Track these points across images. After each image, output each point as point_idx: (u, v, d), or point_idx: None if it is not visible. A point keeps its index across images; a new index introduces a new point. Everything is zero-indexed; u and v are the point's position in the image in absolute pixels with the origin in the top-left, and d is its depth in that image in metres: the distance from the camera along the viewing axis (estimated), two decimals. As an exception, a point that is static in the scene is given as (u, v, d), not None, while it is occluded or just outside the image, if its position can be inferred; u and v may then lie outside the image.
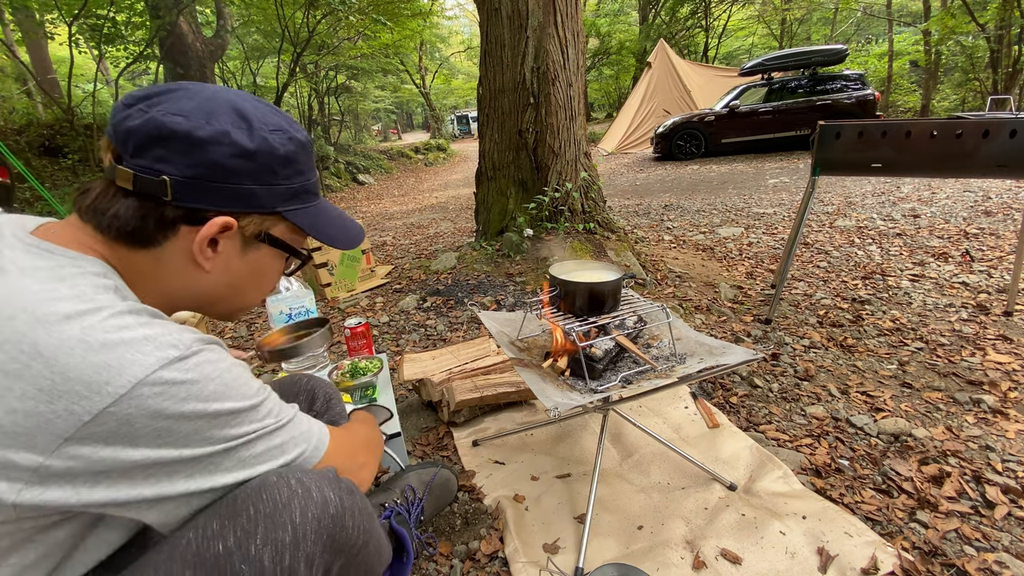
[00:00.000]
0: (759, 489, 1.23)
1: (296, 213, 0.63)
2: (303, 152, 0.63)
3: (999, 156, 1.74)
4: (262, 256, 0.64)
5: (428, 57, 21.82)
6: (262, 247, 0.63)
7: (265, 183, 0.59)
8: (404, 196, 9.97)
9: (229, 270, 0.61)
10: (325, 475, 0.62)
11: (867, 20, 18.60)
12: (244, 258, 0.62)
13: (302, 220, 0.64)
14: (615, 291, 1.22)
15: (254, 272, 0.64)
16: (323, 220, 0.67)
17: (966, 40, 10.87)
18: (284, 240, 0.64)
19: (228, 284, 0.63)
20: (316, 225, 0.66)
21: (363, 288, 3.06)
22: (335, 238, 0.68)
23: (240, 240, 0.60)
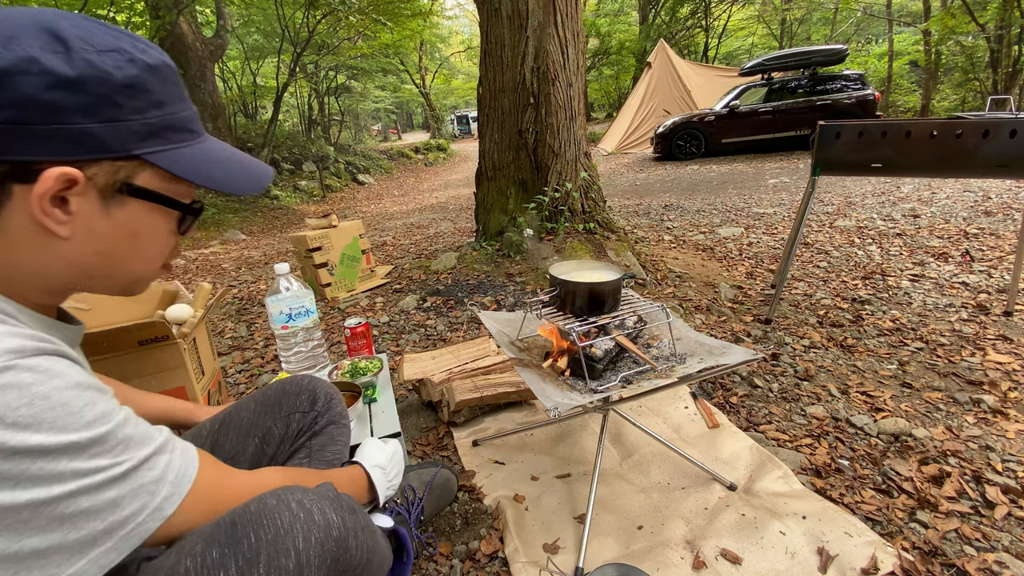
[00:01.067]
0: (759, 489, 1.23)
1: (162, 155, 0.51)
2: (157, 78, 0.51)
3: (999, 156, 1.74)
4: (132, 213, 0.52)
5: (428, 57, 21.82)
6: (128, 201, 0.51)
7: (106, 119, 0.47)
8: (404, 196, 9.97)
9: (94, 234, 0.50)
10: (325, 495, 0.60)
11: (867, 20, 18.60)
12: (109, 218, 0.50)
13: (172, 163, 0.52)
14: (615, 291, 1.22)
15: (129, 234, 0.52)
16: (204, 161, 0.55)
17: (966, 40, 10.86)
18: (156, 190, 0.52)
19: (98, 252, 0.51)
20: (194, 168, 0.54)
21: (363, 288, 3.06)
22: (225, 181, 0.56)
23: (96, 195, 0.49)
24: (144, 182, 0.52)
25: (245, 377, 2.05)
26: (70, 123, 0.45)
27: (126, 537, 0.47)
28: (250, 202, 8.57)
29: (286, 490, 0.58)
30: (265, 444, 0.85)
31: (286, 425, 0.87)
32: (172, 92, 0.53)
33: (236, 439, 0.85)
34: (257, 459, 0.85)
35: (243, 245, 5.95)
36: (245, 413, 0.88)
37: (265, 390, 0.92)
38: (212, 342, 1.57)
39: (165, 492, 0.50)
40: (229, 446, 0.84)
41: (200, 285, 1.51)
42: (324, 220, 3.04)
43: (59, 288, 0.53)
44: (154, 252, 0.57)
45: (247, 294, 3.32)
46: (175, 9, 7.81)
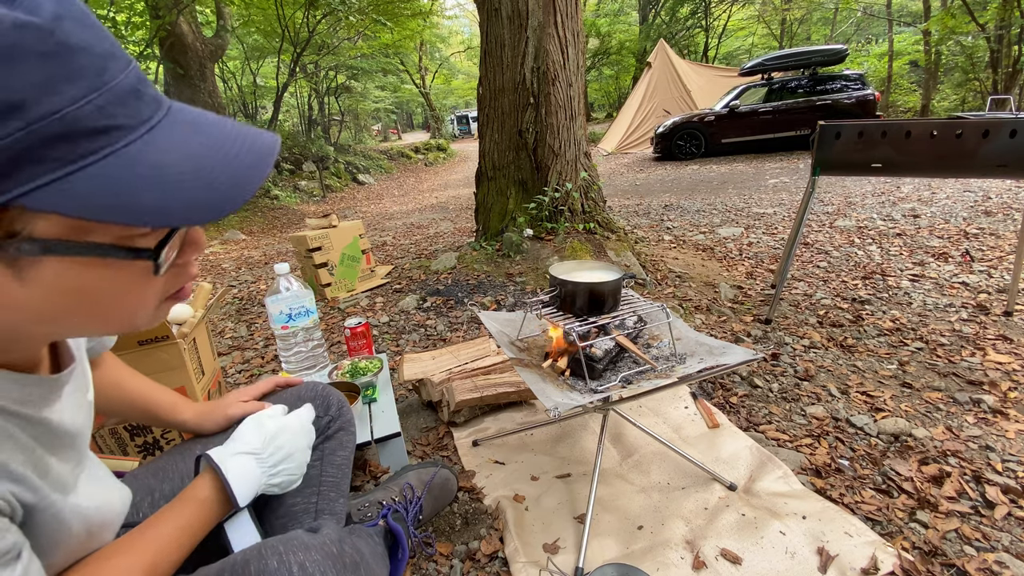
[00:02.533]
0: (759, 489, 1.23)
1: (45, 192, 0.32)
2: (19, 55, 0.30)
3: (999, 156, 1.74)
4: (58, 272, 0.36)
5: (428, 57, 21.82)
6: (42, 261, 0.35)
7: None
8: (404, 196, 9.97)
9: (18, 306, 0.36)
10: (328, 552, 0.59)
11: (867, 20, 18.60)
12: (27, 284, 0.35)
13: (64, 198, 0.32)
14: (615, 291, 1.22)
15: (72, 295, 0.38)
16: (125, 179, 0.34)
17: (966, 40, 10.86)
18: (71, 240, 0.35)
19: (40, 320, 0.38)
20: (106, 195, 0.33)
21: (363, 288, 3.06)
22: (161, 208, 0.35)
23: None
24: (45, 232, 0.34)
25: (245, 377, 2.05)
26: None
27: None
28: (250, 202, 8.57)
29: (288, 547, 0.57)
30: None
31: None
32: (40, 76, 0.31)
33: None
34: None
35: (243, 245, 5.96)
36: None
37: (281, 394, 0.93)
38: (212, 342, 1.57)
39: None
40: None
41: (200, 285, 1.51)
42: (324, 220, 3.04)
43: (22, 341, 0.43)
44: (130, 301, 0.41)
45: (247, 294, 3.32)
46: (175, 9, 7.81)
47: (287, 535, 0.61)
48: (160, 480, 0.78)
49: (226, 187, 0.38)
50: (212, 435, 0.87)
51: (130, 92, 0.36)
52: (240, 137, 0.40)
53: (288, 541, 0.59)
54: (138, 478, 0.77)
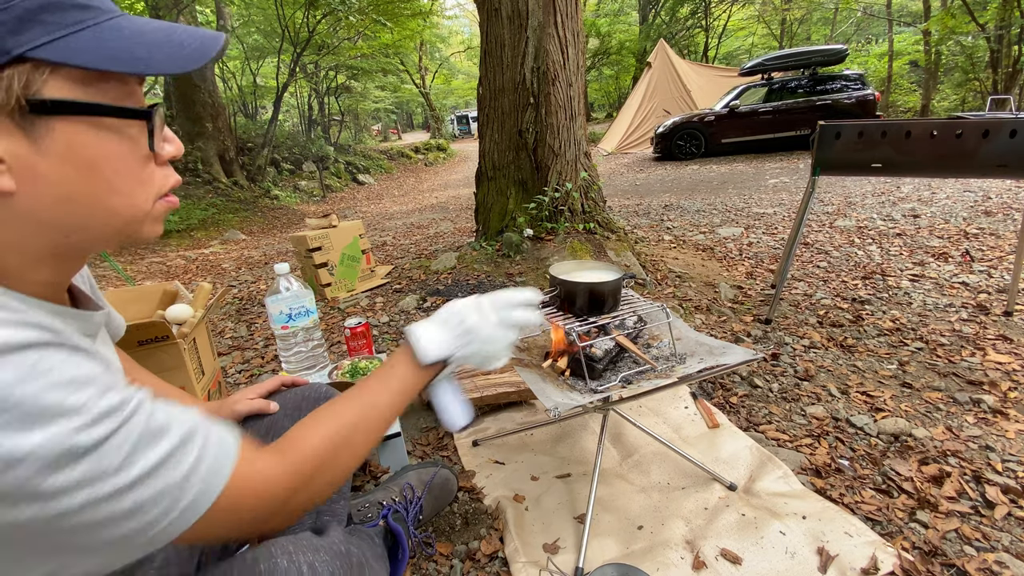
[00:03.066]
0: (759, 489, 1.23)
1: (53, 46, 0.39)
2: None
3: (999, 156, 1.74)
4: (68, 139, 0.41)
5: (428, 57, 21.83)
6: (53, 124, 0.40)
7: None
8: (404, 196, 9.98)
9: (41, 178, 0.41)
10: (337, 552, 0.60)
11: (867, 20, 18.61)
12: (44, 152, 0.40)
13: (71, 52, 0.39)
14: (615, 291, 1.22)
15: (80, 165, 0.42)
16: (116, 40, 0.42)
17: (966, 40, 10.87)
18: (76, 99, 0.41)
19: (58, 199, 0.42)
20: (106, 49, 0.41)
21: (363, 288, 3.06)
22: (149, 58, 0.43)
23: (12, 127, 0.39)
24: (55, 92, 0.39)
25: (245, 377, 2.05)
26: None
27: (146, 544, 0.41)
28: (250, 202, 8.57)
29: (298, 547, 0.58)
30: None
31: None
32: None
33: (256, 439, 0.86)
34: None
35: (243, 245, 5.96)
36: (264, 416, 0.89)
37: (284, 395, 0.93)
38: (212, 342, 1.57)
39: (195, 492, 0.43)
40: None
41: (200, 285, 1.51)
42: (324, 220, 3.05)
43: (46, 258, 0.46)
44: (127, 181, 0.45)
45: (247, 294, 3.32)
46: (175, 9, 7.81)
47: (296, 535, 0.61)
48: None
49: (193, 48, 0.46)
50: None
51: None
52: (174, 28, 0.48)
53: (298, 541, 0.59)
54: None
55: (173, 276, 4.38)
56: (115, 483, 0.38)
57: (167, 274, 4.52)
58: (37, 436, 0.34)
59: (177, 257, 5.29)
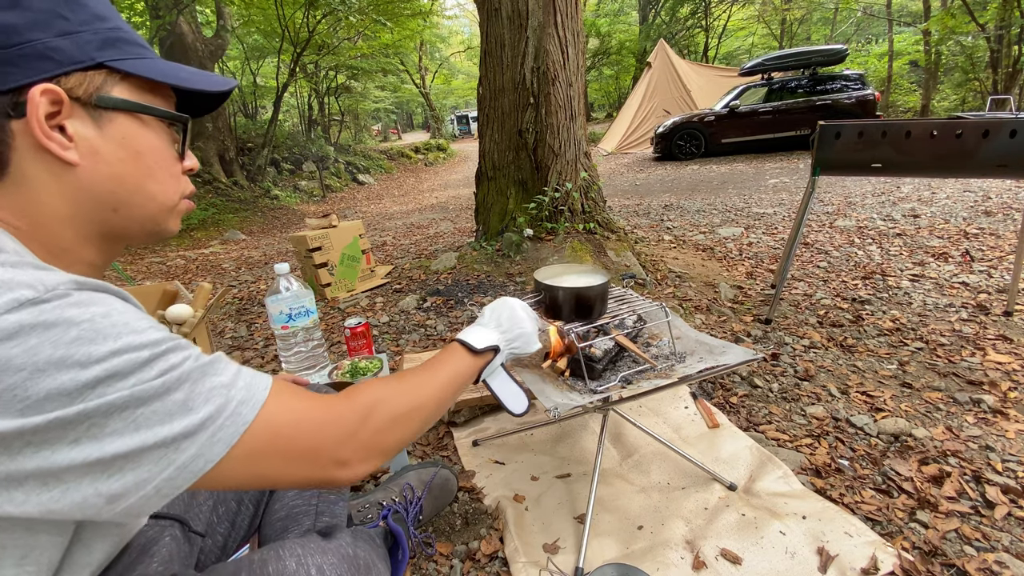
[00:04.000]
0: (759, 489, 1.23)
1: (125, 63, 0.53)
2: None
3: (999, 156, 1.74)
4: (124, 128, 0.53)
5: (428, 57, 21.83)
6: (116, 117, 0.52)
7: (61, 32, 0.49)
8: (404, 196, 9.97)
9: (100, 156, 0.51)
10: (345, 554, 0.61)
11: (867, 20, 18.61)
12: (105, 136, 0.52)
13: (138, 68, 0.53)
14: (603, 296, 1.18)
15: (131, 153, 0.53)
16: (165, 66, 0.57)
17: (966, 40, 10.87)
18: (135, 100, 0.54)
19: (111, 176, 0.52)
20: (159, 70, 0.55)
21: (363, 288, 3.06)
22: (189, 79, 0.57)
23: (85, 114, 0.50)
24: (121, 93, 0.52)
25: (245, 377, 2.05)
26: (31, 40, 0.47)
27: (209, 443, 0.45)
28: (250, 202, 8.57)
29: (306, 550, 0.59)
30: None
31: None
32: (110, 8, 0.54)
33: None
34: None
35: (243, 245, 5.96)
36: None
37: None
38: (212, 342, 1.57)
39: (239, 396, 0.48)
40: None
41: (200, 285, 1.51)
42: (324, 220, 3.04)
43: (95, 236, 0.54)
44: (163, 172, 0.57)
45: (247, 294, 3.32)
46: (175, 9, 7.81)
47: (304, 539, 0.62)
48: None
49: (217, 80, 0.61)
50: None
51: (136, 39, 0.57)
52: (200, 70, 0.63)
53: (306, 543, 0.60)
54: None
55: (173, 276, 4.38)
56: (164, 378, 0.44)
57: (167, 274, 4.52)
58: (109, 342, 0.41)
59: (177, 257, 5.29)
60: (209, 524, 0.77)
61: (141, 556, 0.62)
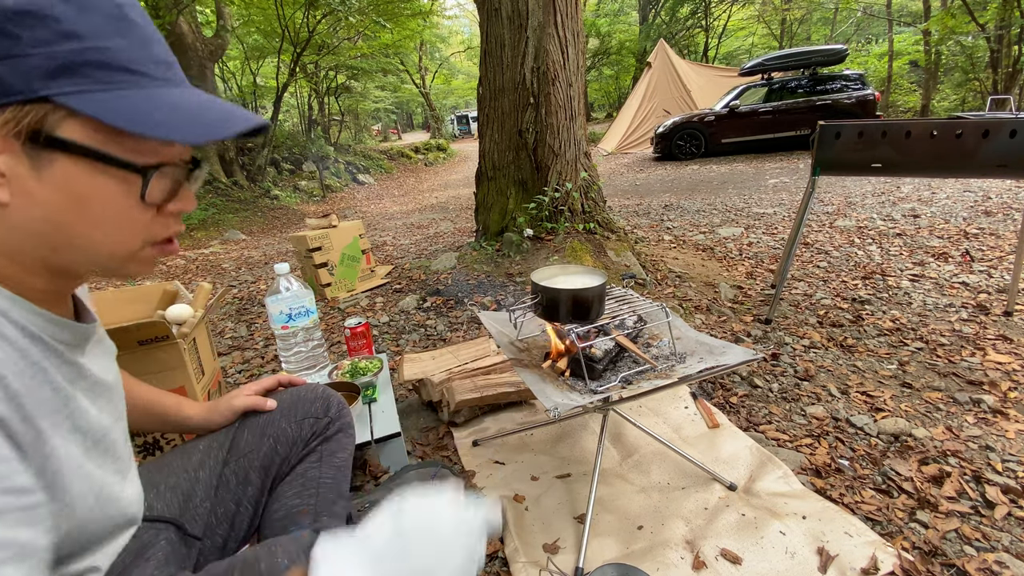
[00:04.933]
0: (759, 489, 1.23)
1: (80, 96, 0.42)
2: (71, 5, 0.42)
3: (999, 156, 1.74)
4: (66, 173, 0.43)
5: (428, 57, 21.82)
6: (56, 158, 0.42)
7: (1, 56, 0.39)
8: (404, 196, 9.97)
9: (33, 199, 0.43)
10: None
11: (867, 20, 18.60)
12: (42, 178, 0.43)
13: (92, 104, 0.42)
14: (600, 297, 1.18)
15: (72, 200, 0.44)
16: (143, 103, 0.44)
17: (966, 40, 10.87)
18: (83, 143, 0.43)
19: (44, 219, 0.44)
20: (126, 110, 0.43)
21: (363, 288, 3.06)
22: (168, 124, 0.45)
23: (19, 149, 0.41)
24: (68, 132, 0.42)
25: (245, 377, 2.05)
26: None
27: None
28: (250, 202, 8.57)
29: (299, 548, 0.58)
30: (279, 444, 0.87)
31: (299, 428, 0.89)
32: (102, 25, 0.43)
33: (251, 438, 0.86)
34: (270, 458, 0.85)
35: (243, 245, 5.96)
36: (261, 415, 0.89)
37: (281, 394, 0.93)
38: (212, 342, 1.57)
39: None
40: (245, 444, 0.86)
41: (200, 285, 1.50)
42: (324, 220, 3.04)
43: (40, 269, 0.48)
44: (113, 222, 0.47)
45: (247, 294, 3.32)
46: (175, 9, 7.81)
47: (296, 535, 0.61)
48: (165, 475, 0.78)
49: (216, 121, 0.48)
50: (216, 431, 0.87)
51: (164, 63, 0.48)
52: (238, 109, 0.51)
53: (299, 541, 0.60)
54: (141, 476, 0.77)
55: (173, 276, 4.38)
56: None
57: (167, 274, 4.52)
58: None
59: (177, 257, 5.29)
60: (207, 526, 0.77)
61: (137, 560, 0.62)
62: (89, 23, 0.42)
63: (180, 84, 0.49)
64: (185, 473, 0.79)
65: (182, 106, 0.47)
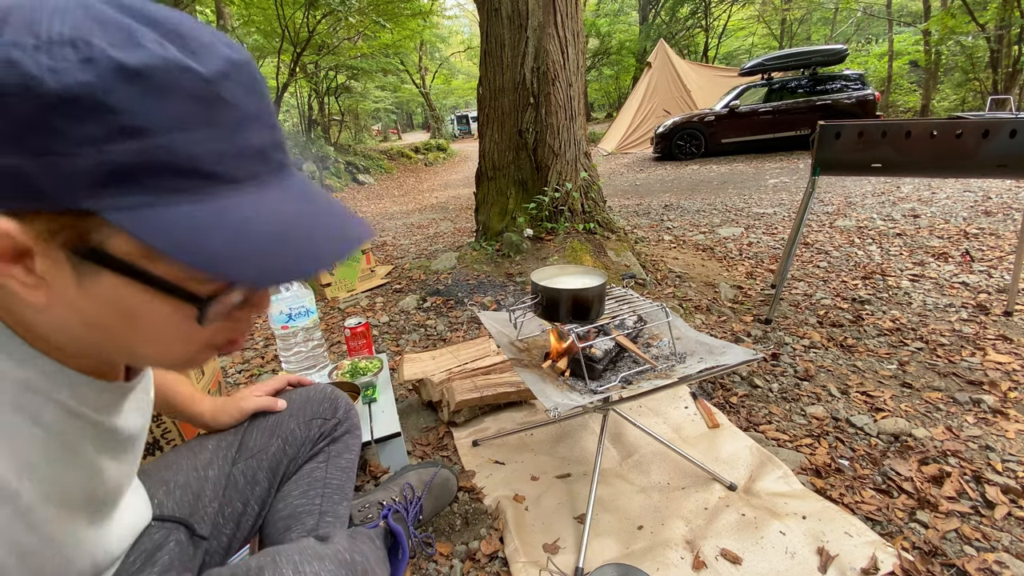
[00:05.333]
0: (759, 489, 1.23)
1: (133, 214, 0.33)
2: (141, 88, 0.32)
3: (999, 156, 1.74)
4: (114, 289, 0.36)
5: (428, 57, 21.82)
6: (102, 273, 0.36)
7: (35, 151, 0.31)
8: (404, 196, 9.97)
9: (73, 305, 0.37)
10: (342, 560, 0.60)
11: (867, 20, 18.60)
12: (85, 290, 0.36)
13: (143, 224, 0.33)
14: (600, 297, 1.18)
15: (120, 314, 0.38)
16: (200, 221, 0.34)
17: (966, 40, 10.87)
18: (132, 264, 0.35)
19: (87, 324, 0.39)
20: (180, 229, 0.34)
21: (363, 288, 3.06)
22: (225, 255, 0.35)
23: (62, 256, 0.34)
24: (117, 248, 0.35)
25: (245, 377, 2.05)
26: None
27: None
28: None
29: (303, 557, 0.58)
30: (287, 445, 0.87)
31: (308, 429, 0.90)
32: (179, 114, 0.33)
33: (260, 438, 0.87)
34: (278, 459, 0.86)
35: (243, 245, 5.94)
36: (270, 415, 0.90)
37: (289, 394, 0.94)
38: (212, 342, 1.57)
39: None
40: (254, 444, 0.86)
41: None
42: (324, 220, 3.04)
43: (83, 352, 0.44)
44: (165, 338, 0.41)
45: (247, 294, 3.32)
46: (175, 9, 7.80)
47: (300, 544, 0.61)
48: (174, 472, 0.78)
49: (295, 252, 0.37)
50: (223, 430, 0.87)
51: (256, 153, 0.38)
52: (336, 217, 0.41)
53: (303, 551, 0.59)
54: (150, 473, 0.77)
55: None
56: None
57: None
58: None
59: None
60: (215, 526, 0.77)
61: (145, 564, 0.62)
62: (161, 113, 0.33)
63: (274, 179, 0.39)
64: (195, 472, 0.79)
65: (256, 225, 0.36)
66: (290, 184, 0.41)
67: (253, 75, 0.38)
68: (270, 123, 0.39)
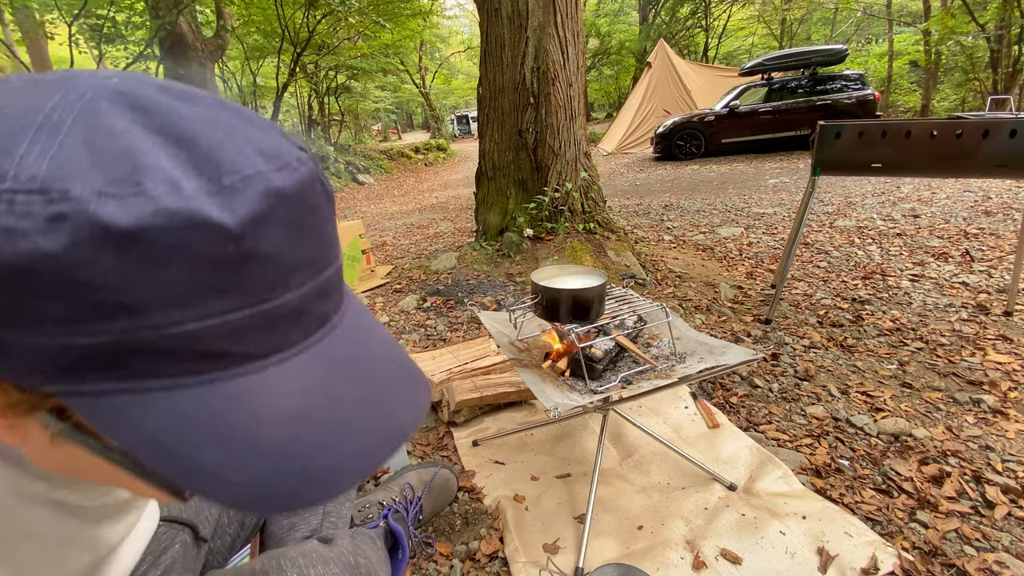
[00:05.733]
0: (759, 489, 1.23)
1: (99, 403, 0.26)
2: (121, 257, 0.23)
3: (999, 156, 1.74)
4: (85, 453, 0.30)
5: (428, 57, 21.83)
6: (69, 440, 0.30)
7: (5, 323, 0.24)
8: (404, 196, 9.97)
9: (46, 456, 0.32)
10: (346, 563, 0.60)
11: (867, 20, 18.60)
12: (56, 445, 0.30)
13: (117, 419, 0.26)
14: (600, 297, 1.19)
15: (97, 472, 0.33)
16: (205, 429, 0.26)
17: (966, 40, 10.87)
18: (91, 439, 0.29)
19: (68, 470, 0.34)
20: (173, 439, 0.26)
21: (363, 288, 3.05)
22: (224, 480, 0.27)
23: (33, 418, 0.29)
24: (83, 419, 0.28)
25: (245, 377, 2.05)
26: None
27: None
28: (250, 202, 8.56)
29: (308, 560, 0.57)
30: None
31: None
32: (186, 284, 0.25)
33: None
34: None
35: (243, 245, 5.94)
36: None
37: None
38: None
39: None
40: None
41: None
42: (324, 220, 3.04)
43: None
44: (151, 493, 0.35)
45: (247, 294, 3.32)
46: (175, 9, 7.81)
47: (303, 547, 0.61)
48: None
49: (308, 480, 0.28)
50: None
51: (290, 313, 0.28)
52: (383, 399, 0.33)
53: (307, 554, 0.59)
54: None
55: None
56: None
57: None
58: None
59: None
60: (219, 526, 0.77)
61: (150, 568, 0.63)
62: (157, 288, 0.24)
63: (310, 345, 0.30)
64: None
65: (266, 429, 0.27)
66: (331, 347, 0.31)
67: (308, 201, 0.28)
68: (322, 263, 0.30)
